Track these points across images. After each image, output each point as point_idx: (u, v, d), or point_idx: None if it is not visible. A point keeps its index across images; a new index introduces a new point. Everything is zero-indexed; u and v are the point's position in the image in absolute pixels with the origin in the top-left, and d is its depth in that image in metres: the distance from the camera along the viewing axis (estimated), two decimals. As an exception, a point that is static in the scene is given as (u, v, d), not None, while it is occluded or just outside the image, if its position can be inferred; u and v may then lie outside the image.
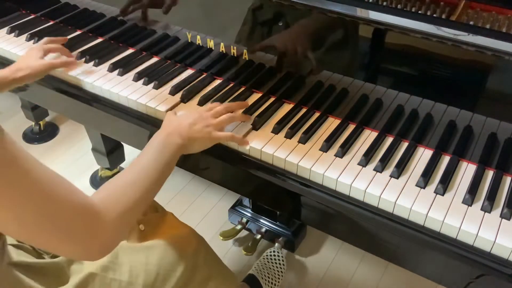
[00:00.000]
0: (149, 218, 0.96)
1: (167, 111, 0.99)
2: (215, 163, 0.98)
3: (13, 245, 0.74)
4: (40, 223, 0.55)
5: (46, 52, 1.08)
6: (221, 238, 1.47)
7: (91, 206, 0.60)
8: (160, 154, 0.77)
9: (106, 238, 0.62)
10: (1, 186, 0.51)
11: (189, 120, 0.86)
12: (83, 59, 1.16)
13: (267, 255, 1.42)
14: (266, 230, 1.48)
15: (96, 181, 1.80)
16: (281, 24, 0.96)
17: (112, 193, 0.66)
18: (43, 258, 0.78)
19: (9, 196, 0.52)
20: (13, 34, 1.27)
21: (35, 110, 1.89)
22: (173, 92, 1.04)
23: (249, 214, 1.51)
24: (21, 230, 0.55)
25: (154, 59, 1.17)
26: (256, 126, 0.95)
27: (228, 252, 1.52)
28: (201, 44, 1.10)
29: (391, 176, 0.83)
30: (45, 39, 1.13)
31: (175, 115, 0.91)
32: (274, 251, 1.42)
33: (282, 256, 1.41)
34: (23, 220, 0.54)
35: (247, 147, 0.90)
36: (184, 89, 1.05)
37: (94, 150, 1.68)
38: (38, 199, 0.54)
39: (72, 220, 0.57)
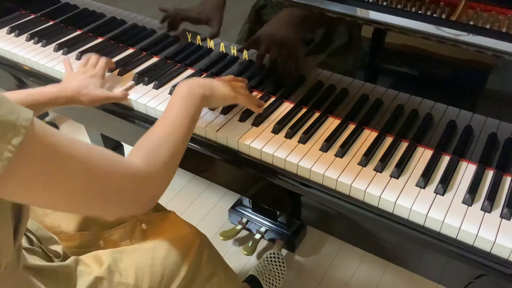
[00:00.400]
0: (151, 218, 0.96)
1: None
2: (215, 163, 0.98)
3: (25, 248, 0.75)
4: (92, 197, 0.59)
5: (103, 83, 1.02)
6: (221, 238, 1.47)
7: (135, 168, 0.64)
8: (185, 105, 0.79)
9: (152, 192, 0.68)
10: (48, 174, 0.53)
11: (208, 79, 0.90)
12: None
13: (267, 257, 1.42)
14: (266, 230, 1.48)
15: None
16: (281, 25, 0.96)
17: (149, 151, 0.70)
18: (53, 261, 0.78)
19: (57, 182, 0.54)
20: (13, 34, 1.27)
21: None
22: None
23: (249, 214, 1.51)
24: (74, 205, 0.60)
25: (154, 59, 1.17)
26: (256, 123, 0.95)
27: (228, 252, 1.52)
28: (201, 44, 1.10)
29: (391, 176, 0.83)
30: (103, 61, 1.06)
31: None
32: (274, 253, 1.42)
33: (282, 258, 1.41)
34: (75, 198, 0.58)
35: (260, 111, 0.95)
36: (184, 89, 1.05)
37: (94, 150, 1.67)
38: (86, 176, 0.57)
39: (120, 185, 0.62)
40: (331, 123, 0.96)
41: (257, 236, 1.47)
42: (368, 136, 0.93)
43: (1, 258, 0.62)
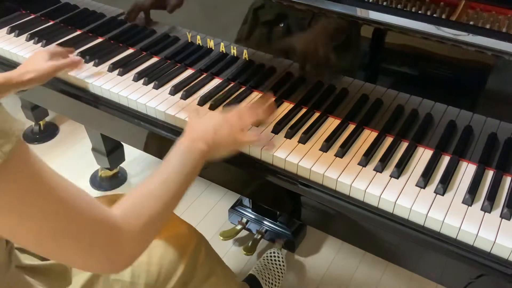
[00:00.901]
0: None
1: (166, 111, 0.99)
2: (215, 163, 0.98)
3: (18, 249, 0.75)
4: (62, 240, 0.54)
5: (52, 56, 1.05)
6: (221, 238, 1.47)
7: (113, 221, 0.59)
8: (184, 161, 0.74)
9: (129, 251, 0.61)
10: (23, 201, 0.50)
11: (213, 124, 0.81)
12: (83, 59, 1.16)
13: (267, 256, 1.42)
14: (266, 230, 1.48)
15: (96, 181, 1.80)
16: (282, 25, 0.96)
17: (134, 205, 0.64)
18: (47, 260, 0.78)
19: (30, 212, 0.51)
20: (13, 34, 1.27)
21: (35, 110, 1.89)
22: (173, 92, 1.04)
23: (249, 214, 1.51)
24: (42, 245, 0.55)
25: (154, 59, 1.17)
26: (256, 124, 0.95)
27: (228, 252, 1.52)
28: (201, 44, 1.10)
29: (391, 176, 0.83)
30: (53, 45, 1.11)
31: (197, 118, 0.85)
32: (274, 252, 1.42)
33: (282, 257, 1.41)
34: (44, 236, 0.53)
35: (272, 151, 0.88)
36: (184, 89, 1.05)
37: (94, 150, 1.68)
38: (60, 216, 0.53)
39: (94, 235, 0.56)
40: (331, 123, 0.96)
41: (257, 236, 1.47)
42: (368, 136, 0.93)
43: None
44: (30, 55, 1.17)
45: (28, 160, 0.51)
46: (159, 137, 1.02)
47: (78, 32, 1.29)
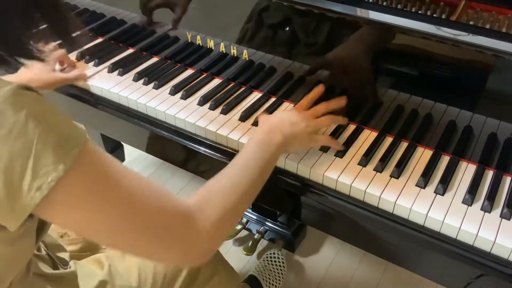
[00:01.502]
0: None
1: (166, 111, 0.99)
2: (215, 164, 0.98)
3: (34, 255, 0.75)
4: (132, 234, 0.54)
5: (54, 62, 1.06)
6: (221, 238, 1.47)
7: (187, 212, 0.58)
8: (260, 153, 0.72)
9: (204, 244, 0.60)
10: (93, 199, 0.51)
11: (289, 117, 0.81)
12: (83, 60, 1.16)
13: (267, 257, 1.42)
14: (266, 230, 1.48)
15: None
16: (287, 28, 0.96)
17: (210, 197, 0.63)
18: (58, 268, 0.78)
19: (100, 209, 0.52)
20: (13, 34, 1.27)
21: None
22: (173, 92, 1.04)
23: (249, 214, 1.51)
24: (114, 241, 0.55)
25: (154, 59, 1.17)
26: (257, 124, 0.95)
27: (228, 252, 1.52)
28: (201, 44, 1.10)
29: (391, 176, 0.83)
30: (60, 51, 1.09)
31: (268, 115, 0.85)
32: (274, 253, 1.42)
33: (282, 258, 1.41)
34: (116, 231, 0.54)
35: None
36: (184, 89, 1.05)
37: (94, 150, 1.67)
38: (131, 210, 0.53)
39: (167, 227, 0.56)
40: (331, 123, 0.96)
41: (257, 236, 1.47)
42: (368, 136, 0.93)
43: (18, 266, 0.62)
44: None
45: (93, 158, 0.52)
46: (159, 137, 1.02)
47: (78, 32, 1.28)
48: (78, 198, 0.51)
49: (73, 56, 1.19)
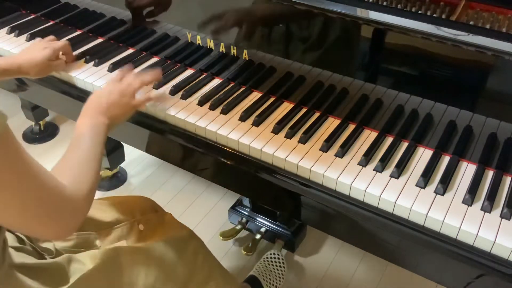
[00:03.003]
0: (148, 218, 0.96)
1: (166, 111, 0.99)
2: (215, 163, 0.98)
3: (14, 247, 0.75)
4: (28, 210, 0.60)
5: (56, 51, 1.07)
6: (221, 238, 1.47)
7: (65, 190, 0.66)
8: (95, 136, 0.81)
9: (79, 217, 0.69)
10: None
11: (105, 97, 0.88)
12: (83, 59, 1.16)
13: (267, 257, 1.42)
14: (266, 230, 1.48)
15: (96, 181, 1.79)
16: (281, 25, 0.96)
17: (76, 176, 0.71)
18: (45, 258, 0.78)
19: (3, 185, 0.55)
20: (13, 34, 1.27)
21: (35, 110, 1.89)
22: (173, 92, 1.04)
23: (249, 214, 1.51)
24: (8, 217, 0.60)
25: (154, 59, 1.17)
26: (256, 123, 0.95)
27: (228, 252, 1.52)
28: (201, 44, 1.10)
29: (391, 176, 0.83)
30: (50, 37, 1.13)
31: (92, 95, 0.92)
32: (274, 253, 1.42)
33: (282, 258, 1.41)
34: (12, 207, 0.58)
35: (167, 107, 0.97)
36: (184, 89, 1.05)
37: (94, 150, 1.67)
38: (28, 186, 0.58)
39: (52, 203, 0.62)
40: (331, 123, 0.96)
41: (257, 236, 1.47)
42: (368, 136, 0.93)
43: None
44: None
45: (12, 142, 0.56)
46: (159, 137, 1.02)
47: (78, 32, 1.29)
48: None
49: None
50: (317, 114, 0.98)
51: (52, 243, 0.83)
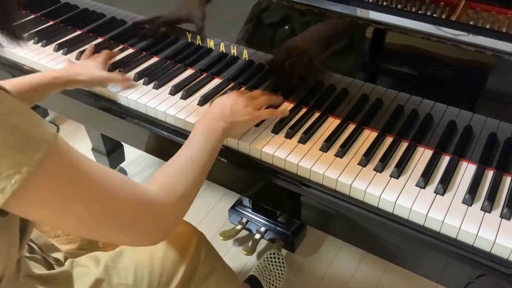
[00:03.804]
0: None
1: (166, 111, 0.99)
2: (215, 163, 0.98)
3: (26, 257, 0.75)
4: (104, 222, 0.57)
5: (104, 64, 1.09)
6: (221, 238, 1.47)
7: (152, 197, 0.63)
8: (207, 140, 0.79)
9: (168, 225, 0.66)
10: (60, 198, 0.53)
11: (228, 102, 0.88)
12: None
13: (267, 257, 1.42)
14: (266, 230, 1.48)
15: (96, 181, 1.79)
16: (286, 27, 0.96)
17: (168, 181, 0.69)
18: (53, 268, 0.78)
19: (67, 207, 0.54)
20: (13, 34, 1.27)
21: (35, 110, 1.88)
22: (173, 92, 1.04)
23: (249, 214, 1.51)
24: (86, 231, 0.58)
25: (154, 59, 1.17)
26: (257, 124, 0.95)
27: (228, 252, 1.52)
28: (201, 44, 1.10)
29: (391, 176, 0.83)
30: (105, 52, 1.15)
31: (217, 100, 0.91)
32: (274, 253, 1.42)
33: (282, 258, 1.41)
34: (87, 223, 0.56)
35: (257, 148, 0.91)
36: (184, 89, 1.05)
37: (94, 150, 1.68)
38: (101, 200, 0.56)
39: (136, 214, 0.60)
40: (331, 123, 0.96)
41: (257, 236, 1.47)
42: (368, 136, 0.93)
43: (1, 268, 0.62)
44: (29, 55, 1.17)
45: (64, 157, 0.53)
46: (159, 137, 1.02)
47: (78, 32, 1.29)
48: (45, 198, 0.52)
49: (72, 56, 1.19)
50: (317, 114, 0.98)
51: (62, 253, 0.83)
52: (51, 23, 1.33)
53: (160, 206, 0.64)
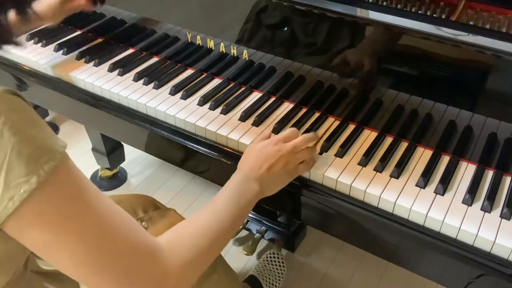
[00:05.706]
0: (151, 216, 0.96)
1: (166, 111, 0.99)
2: (215, 163, 0.98)
3: (31, 253, 0.75)
4: (97, 263, 0.52)
5: None
6: (221, 238, 1.47)
7: (156, 249, 0.56)
8: (236, 199, 0.72)
9: (172, 284, 0.57)
10: (61, 220, 0.50)
11: (268, 162, 0.76)
12: (83, 59, 1.16)
13: (267, 257, 1.42)
14: (266, 230, 1.48)
15: (96, 181, 1.80)
16: (286, 28, 0.96)
17: (182, 238, 0.61)
18: None
19: (67, 229, 0.50)
20: (13, 34, 1.27)
21: (35, 110, 1.89)
22: (173, 92, 1.04)
23: (249, 214, 1.51)
24: (77, 268, 0.53)
25: (154, 59, 1.17)
26: (256, 123, 0.95)
27: (228, 252, 1.52)
28: (201, 44, 1.10)
29: (391, 176, 0.83)
30: None
31: (255, 149, 0.80)
32: (274, 253, 1.42)
33: (282, 258, 1.41)
34: (79, 257, 0.51)
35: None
36: (184, 89, 1.05)
37: (94, 150, 1.68)
38: (100, 240, 0.51)
39: (133, 261, 0.53)
40: (331, 123, 0.96)
41: (257, 236, 1.47)
42: (368, 136, 0.93)
43: (13, 265, 0.62)
44: (29, 55, 1.17)
45: (70, 176, 0.51)
46: (159, 137, 1.02)
47: (78, 32, 1.29)
48: (47, 217, 0.49)
49: (72, 56, 1.19)
50: (317, 114, 0.98)
51: None
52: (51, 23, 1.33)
53: (161, 262, 0.56)
